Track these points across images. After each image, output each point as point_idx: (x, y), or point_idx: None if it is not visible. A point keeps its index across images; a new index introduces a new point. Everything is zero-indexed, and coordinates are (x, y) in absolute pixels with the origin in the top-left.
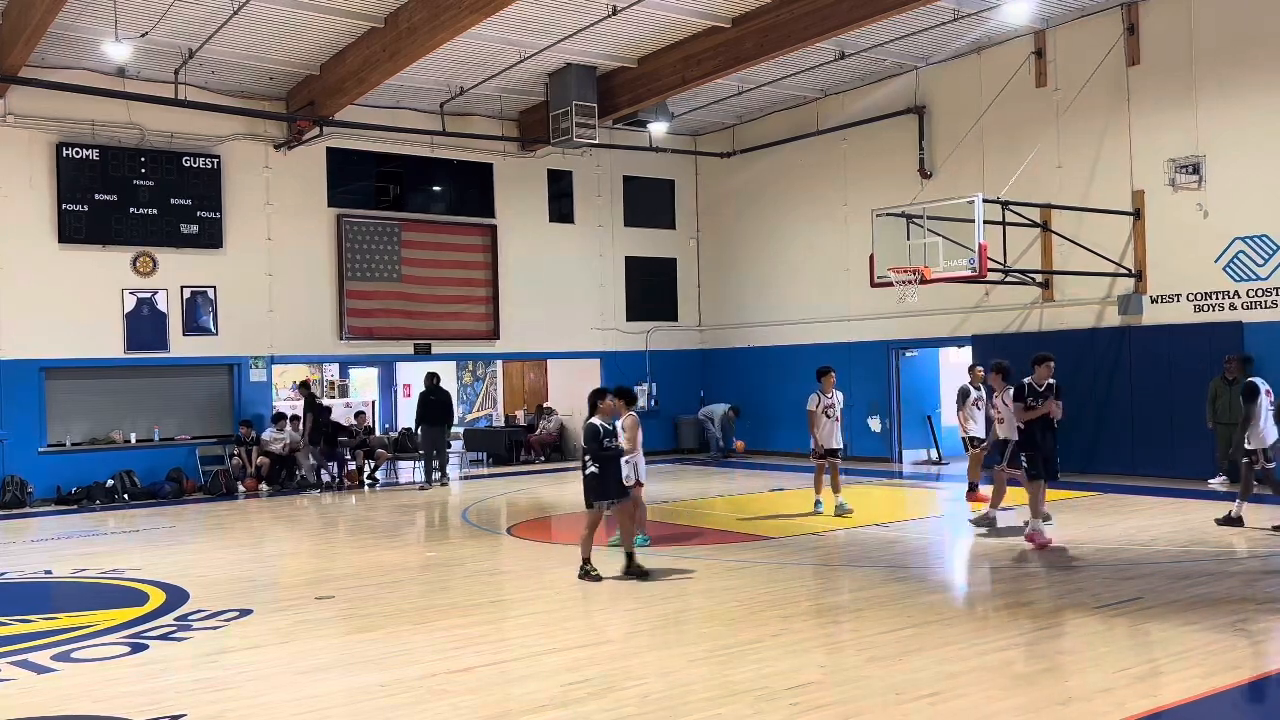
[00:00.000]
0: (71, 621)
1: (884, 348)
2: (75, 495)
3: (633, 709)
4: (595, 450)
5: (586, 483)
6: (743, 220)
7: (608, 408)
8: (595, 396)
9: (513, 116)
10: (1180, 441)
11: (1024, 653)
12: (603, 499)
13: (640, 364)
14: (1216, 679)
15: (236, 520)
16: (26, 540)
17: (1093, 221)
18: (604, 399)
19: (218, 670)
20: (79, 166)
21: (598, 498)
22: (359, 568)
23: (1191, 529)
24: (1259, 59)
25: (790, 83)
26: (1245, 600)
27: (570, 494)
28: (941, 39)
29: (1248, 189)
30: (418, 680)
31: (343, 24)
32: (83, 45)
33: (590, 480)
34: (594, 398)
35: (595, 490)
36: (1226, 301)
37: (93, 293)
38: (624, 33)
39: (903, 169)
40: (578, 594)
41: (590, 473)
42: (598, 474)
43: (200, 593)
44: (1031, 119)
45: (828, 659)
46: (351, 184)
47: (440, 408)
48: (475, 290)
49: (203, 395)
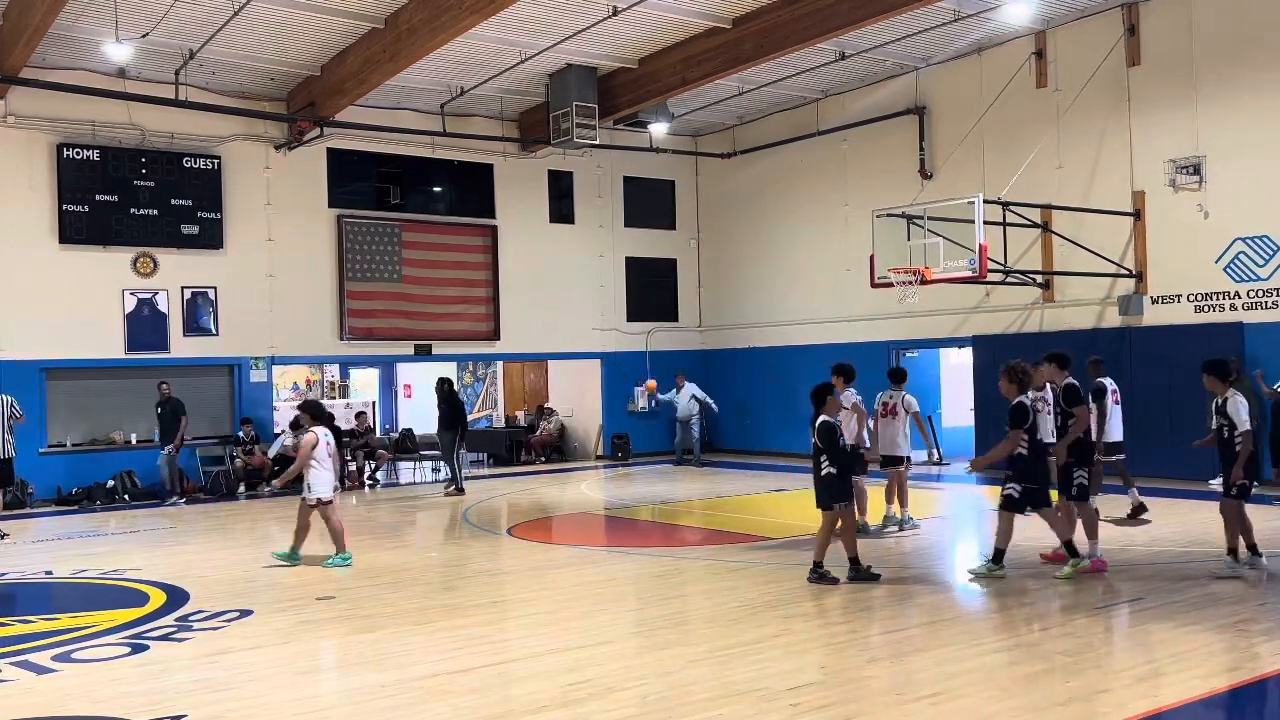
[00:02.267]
0: (72, 622)
1: (884, 348)
2: (76, 496)
3: (633, 709)
4: (833, 452)
5: (823, 484)
6: (743, 221)
7: (834, 405)
8: (823, 392)
9: (513, 117)
10: (1181, 442)
11: (1024, 653)
12: (841, 500)
13: (641, 365)
14: (1217, 680)
15: (237, 521)
16: (27, 540)
17: (1093, 222)
18: (830, 393)
19: (218, 671)
20: (79, 167)
21: (835, 499)
22: (360, 568)
23: (1192, 530)
24: (1259, 59)
25: (791, 83)
26: (1245, 601)
27: (571, 495)
28: (942, 40)
29: (1248, 189)
30: (418, 681)
31: (343, 25)
32: (83, 46)
33: (828, 481)
34: (822, 394)
35: (833, 492)
36: (1227, 302)
37: (93, 293)
38: (624, 33)
39: (903, 169)
40: (578, 594)
41: (827, 474)
42: (836, 475)
43: (201, 593)
44: (1032, 119)
45: (828, 659)
46: (352, 184)
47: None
48: (475, 291)
49: (203, 396)
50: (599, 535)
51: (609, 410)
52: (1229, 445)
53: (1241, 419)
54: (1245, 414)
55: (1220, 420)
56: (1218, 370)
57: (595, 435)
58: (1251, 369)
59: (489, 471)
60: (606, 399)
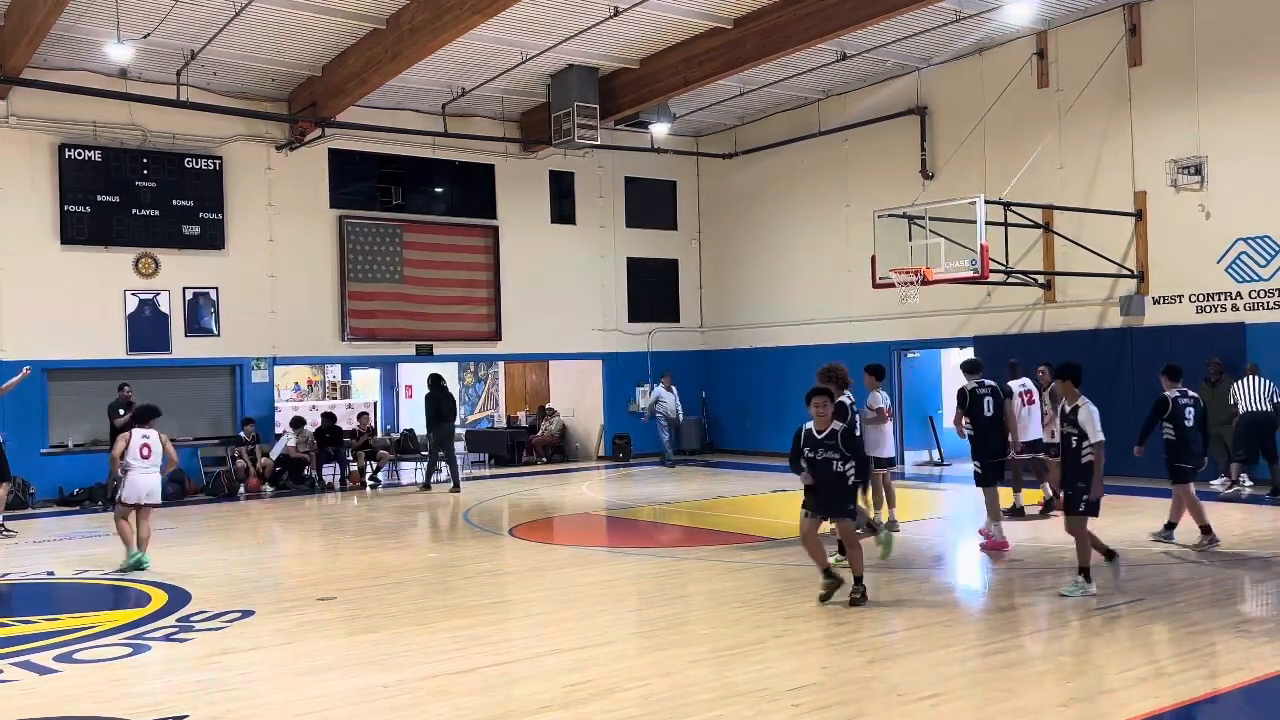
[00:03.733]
0: (74, 622)
1: (886, 349)
2: (77, 496)
3: (635, 710)
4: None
5: (848, 490)
6: (744, 221)
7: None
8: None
9: (514, 117)
10: None
11: (1025, 654)
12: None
13: (642, 365)
14: (1218, 680)
15: (239, 521)
16: (29, 541)
17: (1094, 222)
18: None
19: (220, 671)
20: (81, 168)
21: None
22: (361, 569)
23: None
24: (1260, 60)
25: (792, 84)
26: (1246, 601)
27: (572, 495)
28: (943, 40)
29: (1249, 190)
30: (420, 681)
31: (344, 25)
32: (85, 46)
33: (851, 487)
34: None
35: (852, 497)
36: (1229, 302)
37: (94, 294)
38: (625, 34)
39: (904, 170)
40: (579, 595)
41: (851, 480)
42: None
43: (202, 594)
44: (1033, 120)
45: (829, 660)
46: (353, 185)
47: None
48: (477, 291)
49: (205, 396)
50: (600, 536)
51: (610, 411)
52: (1075, 456)
53: (1094, 429)
54: (1098, 423)
55: (1067, 429)
56: (1073, 375)
57: (596, 436)
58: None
59: (490, 472)
60: (608, 400)
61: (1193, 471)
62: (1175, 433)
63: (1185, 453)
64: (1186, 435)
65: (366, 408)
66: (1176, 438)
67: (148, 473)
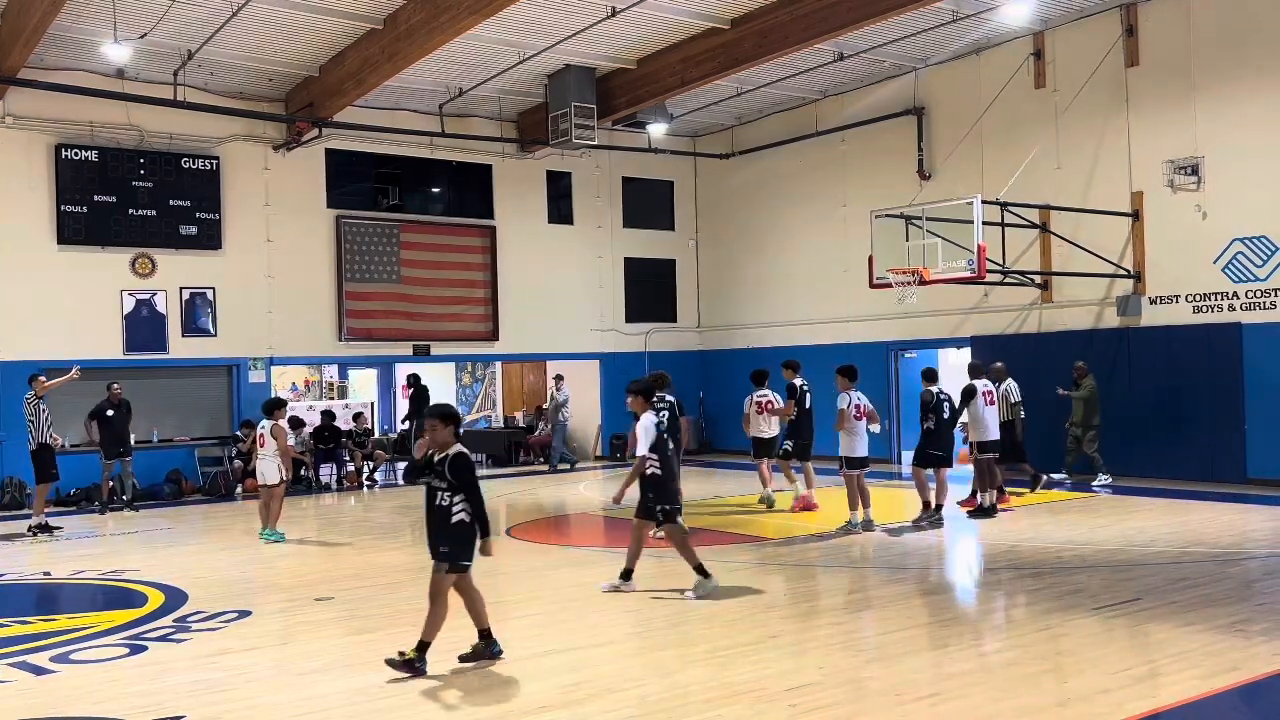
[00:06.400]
0: (70, 623)
1: (883, 349)
2: (74, 497)
3: (632, 710)
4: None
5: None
6: (742, 221)
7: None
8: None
9: (512, 118)
10: (1179, 442)
11: (1023, 653)
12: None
13: (639, 365)
14: (1216, 680)
15: (235, 521)
16: (26, 541)
17: (1091, 222)
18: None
19: (216, 672)
20: (78, 168)
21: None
22: (358, 569)
23: (1190, 530)
24: (1258, 60)
25: (789, 84)
26: (1244, 601)
27: (570, 495)
28: (940, 40)
29: (1247, 190)
30: (416, 682)
31: (341, 25)
32: (82, 47)
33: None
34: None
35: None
36: (1225, 303)
37: (91, 294)
38: (623, 34)
39: (902, 170)
40: (576, 595)
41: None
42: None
43: (199, 594)
44: (1030, 120)
45: (827, 660)
46: (350, 185)
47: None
48: (474, 291)
49: (202, 397)
50: (598, 536)
51: (608, 411)
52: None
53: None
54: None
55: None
56: (644, 391)
57: (594, 436)
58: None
59: (487, 472)
60: (605, 400)
61: (944, 459)
62: (935, 424)
63: (940, 442)
64: (942, 427)
65: (364, 408)
66: (935, 428)
67: (263, 460)
